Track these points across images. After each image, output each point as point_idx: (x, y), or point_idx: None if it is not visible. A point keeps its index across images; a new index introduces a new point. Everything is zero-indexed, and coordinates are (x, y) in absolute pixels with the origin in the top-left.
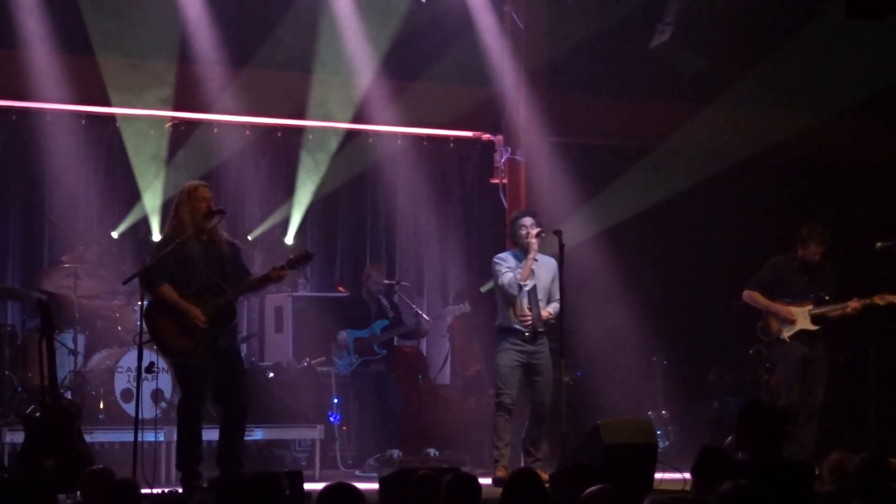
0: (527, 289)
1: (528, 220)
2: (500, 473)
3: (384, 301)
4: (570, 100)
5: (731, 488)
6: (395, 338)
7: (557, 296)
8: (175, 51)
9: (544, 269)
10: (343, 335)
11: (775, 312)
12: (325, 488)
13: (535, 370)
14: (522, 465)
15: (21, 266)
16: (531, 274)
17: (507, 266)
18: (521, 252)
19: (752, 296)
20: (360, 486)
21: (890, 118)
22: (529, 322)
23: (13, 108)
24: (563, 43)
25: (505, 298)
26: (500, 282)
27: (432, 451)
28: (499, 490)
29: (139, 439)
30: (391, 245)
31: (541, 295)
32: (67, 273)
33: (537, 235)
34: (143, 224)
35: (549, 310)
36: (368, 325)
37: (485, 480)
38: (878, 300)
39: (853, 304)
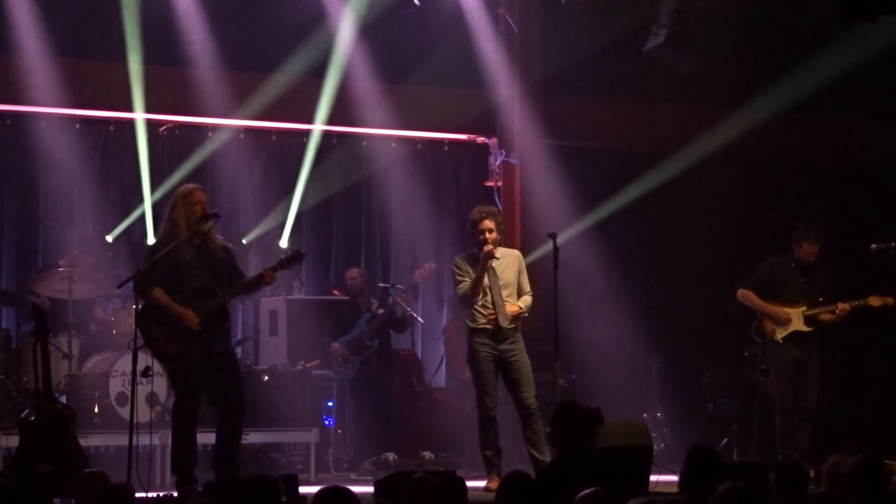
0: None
1: (487, 224)
2: (492, 485)
3: (373, 300)
4: (565, 102)
5: (727, 490)
6: (391, 338)
7: (527, 288)
8: (168, 55)
9: (507, 262)
10: (336, 346)
11: (769, 313)
12: (321, 491)
13: (510, 367)
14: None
15: (15, 270)
16: (493, 272)
17: (463, 276)
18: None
19: (746, 295)
20: (356, 489)
21: (888, 120)
22: (493, 317)
23: (7, 112)
24: (558, 45)
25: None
26: (457, 292)
27: (427, 454)
28: (492, 495)
29: (134, 443)
30: (386, 248)
31: (507, 291)
32: (62, 277)
33: (487, 255)
34: (138, 228)
35: (520, 304)
36: (355, 325)
37: (481, 483)
38: (873, 301)
39: (842, 306)
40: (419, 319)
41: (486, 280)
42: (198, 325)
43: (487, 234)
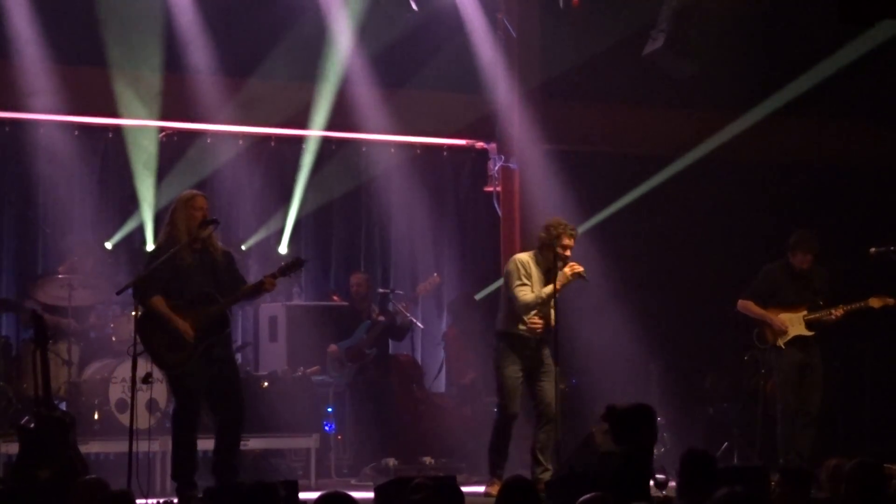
0: None
1: (570, 242)
2: (492, 490)
3: (376, 309)
4: (564, 107)
5: (726, 494)
6: (389, 344)
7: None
8: (169, 61)
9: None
10: (334, 348)
11: (769, 322)
12: (321, 497)
13: (540, 374)
14: (531, 475)
15: (15, 277)
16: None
17: (527, 277)
18: (542, 258)
19: (746, 305)
20: (356, 494)
21: (887, 123)
22: (540, 330)
23: (6, 120)
24: (556, 50)
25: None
26: (518, 297)
27: (427, 460)
28: (490, 500)
29: (134, 449)
30: (385, 254)
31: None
32: (62, 284)
33: (575, 274)
34: (138, 234)
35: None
36: (355, 331)
37: (482, 488)
38: (873, 302)
39: (836, 312)
40: (419, 325)
41: None
42: (192, 339)
43: (569, 252)
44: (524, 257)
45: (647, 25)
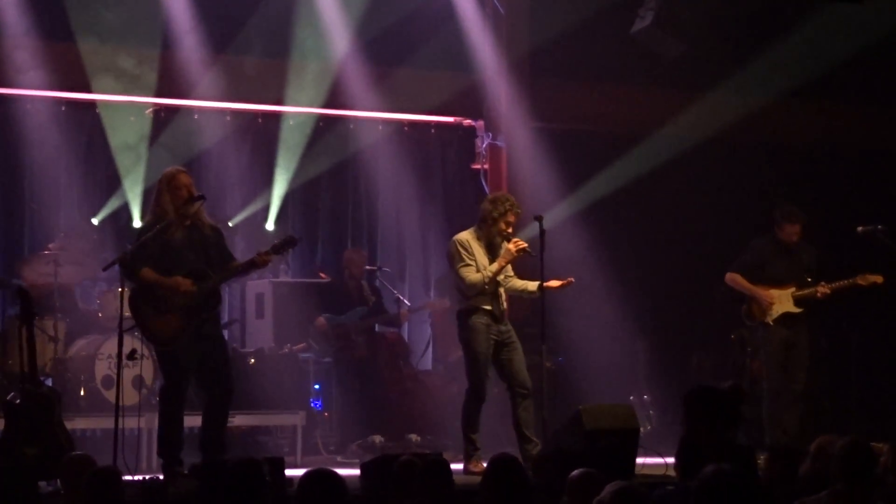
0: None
1: (513, 219)
2: (479, 468)
3: (366, 287)
4: (552, 85)
5: (713, 472)
6: (376, 325)
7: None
8: (155, 36)
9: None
10: (321, 320)
11: (756, 296)
12: (306, 474)
13: (508, 347)
14: (521, 451)
15: (1, 254)
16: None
17: (471, 259)
18: (482, 233)
19: (734, 278)
20: (342, 471)
21: (874, 104)
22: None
23: None
24: (545, 28)
25: None
26: (464, 278)
27: (414, 437)
28: (477, 478)
29: (120, 426)
30: (372, 231)
31: (502, 275)
32: (48, 261)
33: (520, 250)
34: (124, 211)
35: (531, 287)
36: (347, 312)
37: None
38: (861, 280)
39: (822, 290)
40: (406, 302)
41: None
42: (192, 287)
43: (511, 229)
44: (464, 236)
45: (636, 3)
